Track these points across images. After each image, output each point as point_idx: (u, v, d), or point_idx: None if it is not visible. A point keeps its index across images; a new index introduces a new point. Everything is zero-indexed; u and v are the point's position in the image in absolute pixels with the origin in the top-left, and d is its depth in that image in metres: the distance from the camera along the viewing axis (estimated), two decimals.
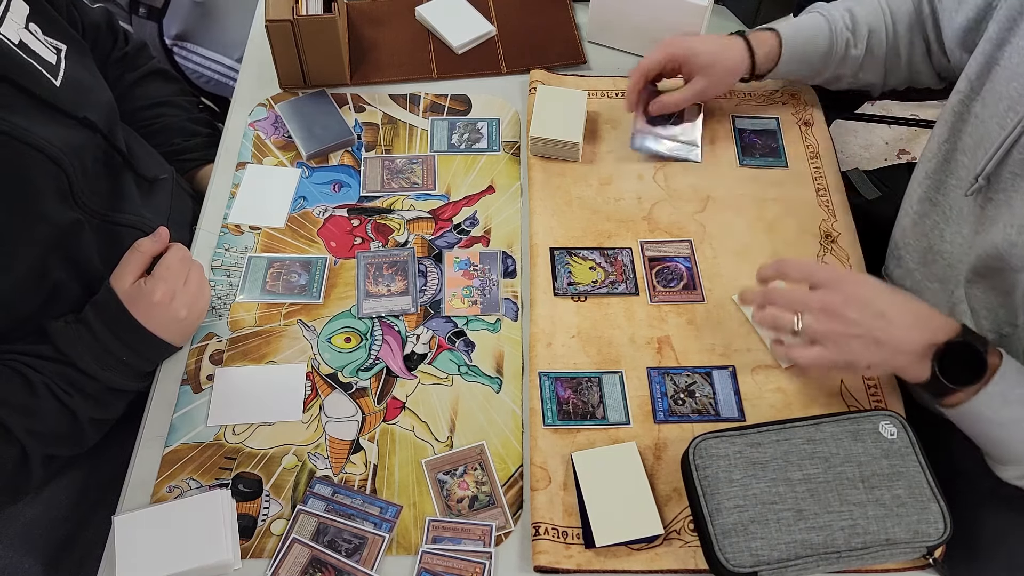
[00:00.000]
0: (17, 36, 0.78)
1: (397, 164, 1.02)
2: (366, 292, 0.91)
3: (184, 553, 0.72)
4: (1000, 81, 0.74)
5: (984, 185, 0.75)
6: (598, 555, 0.74)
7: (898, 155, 2.07)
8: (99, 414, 0.80)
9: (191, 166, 1.09)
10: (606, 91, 1.09)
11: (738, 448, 0.74)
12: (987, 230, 0.76)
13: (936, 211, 0.84)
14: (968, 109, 0.79)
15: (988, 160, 0.74)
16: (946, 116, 0.82)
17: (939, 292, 0.85)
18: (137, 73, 1.08)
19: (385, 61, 1.13)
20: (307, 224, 0.97)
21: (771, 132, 1.05)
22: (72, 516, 0.87)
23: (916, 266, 0.88)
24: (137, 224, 0.89)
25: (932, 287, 0.86)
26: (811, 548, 0.69)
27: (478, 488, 0.79)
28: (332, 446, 0.81)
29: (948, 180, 0.83)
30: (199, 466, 0.79)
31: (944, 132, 0.82)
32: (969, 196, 0.78)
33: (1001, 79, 0.74)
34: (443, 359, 0.86)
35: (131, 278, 0.80)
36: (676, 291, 0.91)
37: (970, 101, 0.79)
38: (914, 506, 0.71)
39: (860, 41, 0.94)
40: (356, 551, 0.74)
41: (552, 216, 0.96)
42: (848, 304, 0.74)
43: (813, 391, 0.84)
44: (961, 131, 0.80)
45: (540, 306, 0.89)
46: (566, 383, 0.84)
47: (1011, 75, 0.72)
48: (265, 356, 0.86)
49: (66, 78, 0.82)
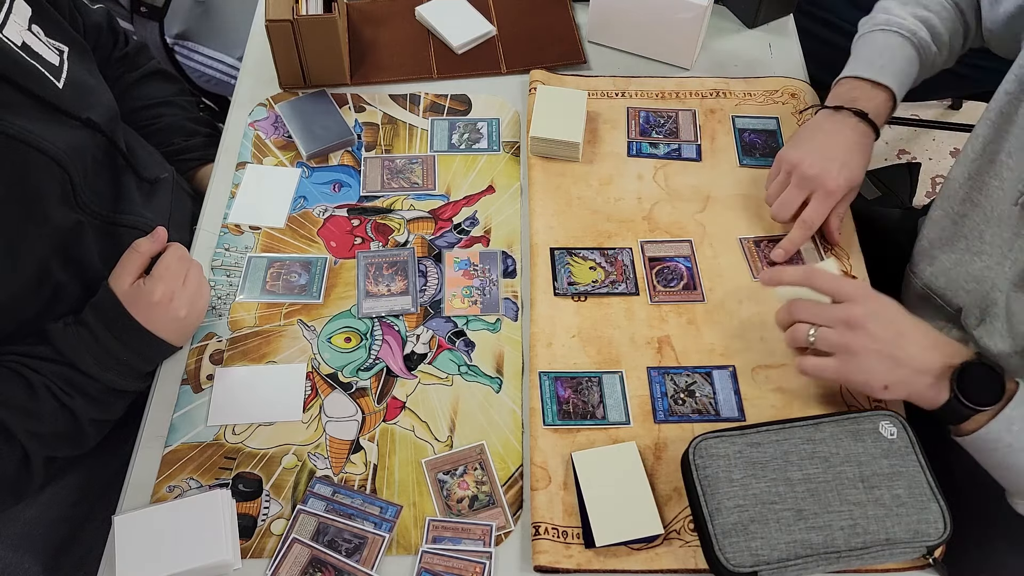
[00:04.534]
0: (20, 38, 0.78)
1: (397, 164, 1.02)
2: (366, 292, 0.91)
3: (184, 553, 0.72)
4: None
5: None
6: (598, 555, 0.74)
7: (898, 155, 2.07)
8: (99, 415, 0.80)
9: (191, 166, 1.09)
10: (606, 91, 1.09)
11: (738, 448, 0.74)
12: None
13: (977, 212, 0.83)
14: (1016, 110, 0.77)
15: None
16: (991, 116, 0.80)
17: (975, 292, 0.84)
18: (137, 73, 1.08)
19: (385, 61, 1.13)
20: (307, 224, 0.97)
21: (771, 132, 1.05)
22: (72, 516, 0.87)
23: (952, 265, 0.87)
24: (138, 225, 0.89)
25: (968, 287, 0.85)
26: (811, 548, 0.69)
27: (478, 488, 0.79)
28: (332, 446, 0.81)
29: (991, 182, 0.81)
30: (199, 466, 0.79)
31: (989, 133, 0.81)
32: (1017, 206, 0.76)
33: None
34: (443, 359, 0.86)
35: (130, 278, 0.80)
36: (676, 291, 0.91)
37: (1019, 102, 0.77)
38: (914, 506, 0.71)
39: (944, 48, 0.92)
40: (356, 551, 0.74)
41: (552, 216, 0.96)
42: (870, 318, 0.73)
43: (813, 391, 0.84)
44: (1008, 132, 0.79)
45: (540, 306, 0.89)
46: (566, 383, 0.84)
47: None
48: (265, 356, 0.87)
49: (69, 80, 0.82)
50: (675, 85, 1.09)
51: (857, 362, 0.73)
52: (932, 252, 0.90)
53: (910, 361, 0.72)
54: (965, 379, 0.70)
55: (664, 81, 1.09)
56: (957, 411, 0.71)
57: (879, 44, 0.92)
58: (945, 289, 0.88)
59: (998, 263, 0.81)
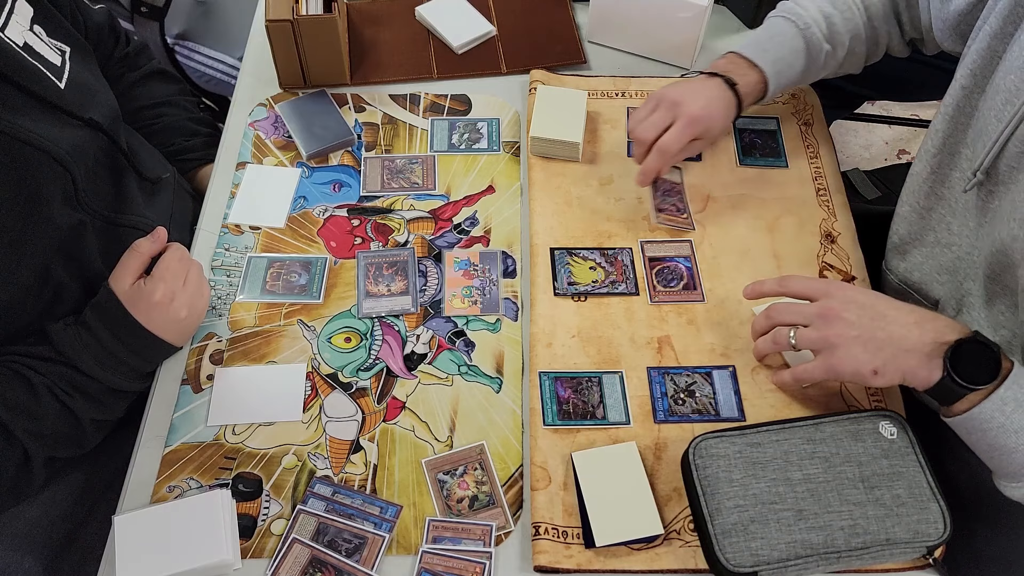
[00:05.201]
0: (22, 38, 0.78)
1: (397, 164, 1.02)
2: (366, 292, 0.91)
3: (184, 553, 0.72)
4: (999, 74, 0.73)
5: (983, 180, 0.75)
6: (598, 555, 0.74)
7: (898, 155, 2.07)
8: (100, 415, 0.80)
9: (192, 166, 1.09)
10: (606, 91, 1.09)
11: (738, 448, 0.74)
12: (991, 224, 0.76)
13: (942, 204, 0.84)
14: (970, 103, 0.79)
15: (986, 154, 0.73)
16: (947, 110, 0.81)
17: (949, 283, 0.85)
18: (138, 73, 1.08)
19: (385, 61, 1.13)
20: (307, 224, 0.97)
21: (771, 132, 1.05)
22: (72, 516, 0.87)
23: (924, 259, 0.88)
24: (139, 225, 0.89)
25: (942, 279, 0.86)
26: (811, 548, 0.69)
27: (478, 488, 0.79)
28: (332, 446, 0.81)
29: (952, 174, 0.82)
30: (199, 466, 0.79)
31: (945, 126, 0.82)
32: (969, 192, 0.77)
33: (1000, 72, 0.73)
34: (443, 359, 0.86)
35: (130, 279, 0.80)
36: (676, 291, 0.91)
37: (972, 96, 0.78)
38: (914, 506, 0.71)
39: (840, 49, 0.93)
40: (356, 551, 0.74)
41: (552, 216, 0.96)
42: (844, 307, 0.73)
43: (813, 391, 0.84)
44: (964, 125, 0.80)
45: (540, 306, 0.89)
46: (566, 383, 0.84)
47: (1009, 68, 0.72)
48: (265, 356, 0.87)
49: (71, 80, 0.82)
50: None
51: (840, 354, 0.73)
52: (903, 247, 0.91)
53: (894, 341, 0.71)
54: (959, 357, 0.68)
55: (664, 81, 1.09)
56: (951, 390, 0.69)
57: (773, 29, 0.95)
58: (920, 283, 0.88)
59: (968, 253, 0.81)
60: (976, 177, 0.75)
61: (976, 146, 0.77)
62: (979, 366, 0.68)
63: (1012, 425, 0.67)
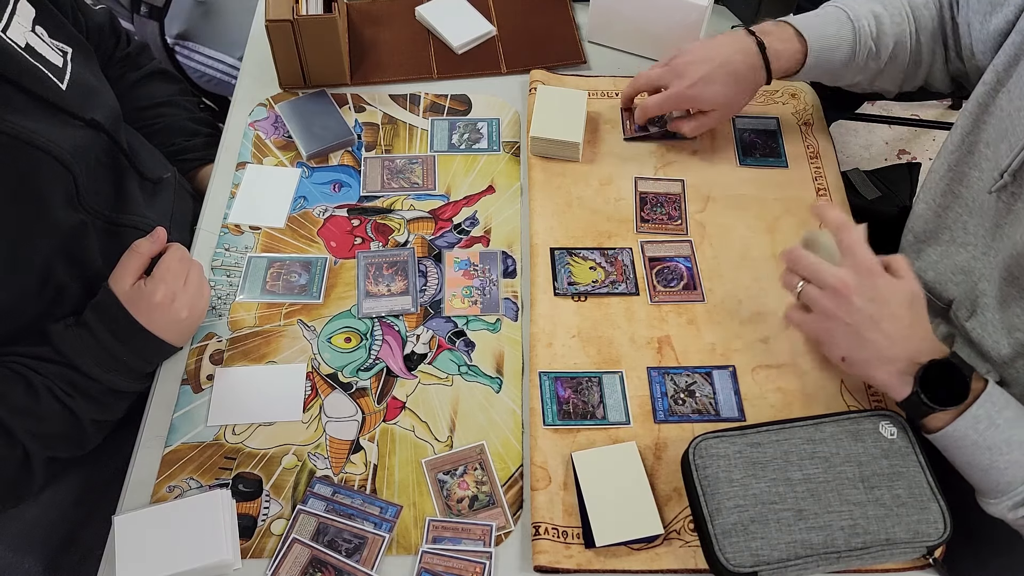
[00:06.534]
0: (24, 39, 0.78)
1: (397, 164, 1.02)
2: (366, 292, 0.91)
3: (184, 553, 0.72)
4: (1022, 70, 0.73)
5: (1009, 181, 0.75)
6: (598, 555, 0.74)
7: (898, 155, 2.07)
8: (100, 415, 0.80)
9: (192, 166, 1.09)
10: (606, 91, 1.09)
11: (738, 448, 0.74)
12: (1012, 226, 0.75)
13: (959, 203, 0.84)
14: (993, 100, 0.78)
15: (1014, 156, 0.72)
16: (970, 107, 0.81)
17: (963, 283, 0.84)
18: (139, 73, 1.08)
19: (385, 61, 1.13)
20: (307, 224, 0.97)
21: (771, 132, 1.05)
22: (72, 516, 0.87)
23: (939, 258, 0.87)
24: (140, 225, 0.89)
25: (956, 278, 0.86)
26: (811, 548, 0.69)
27: (478, 488, 0.79)
28: (332, 446, 0.81)
29: (971, 173, 0.82)
30: (199, 466, 0.79)
31: (968, 124, 0.81)
32: (993, 193, 0.77)
33: None
34: (443, 359, 0.86)
35: (130, 279, 0.80)
36: (676, 291, 0.91)
37: (995, 93, 0.78)
38: (914, 506, 0.71)
39: (884, 52, 0.91)
40: (356, 551, 0.74)
41: (552, 216, 0.96)
42: (858, 292, 0.72)
43: (813, 391, 0.84)
44: (985, 123, 0.79)
45: (540, 306, 0.89)
46: (566, 383, 0.84)
47: None
48: (265, 356, 0.87)
49: (72, 81, 0.82)
50: None
51: (826, 327, 0.75)
52: (918, 246, 0.90)
53: (875, 347, 0.72)
54: (929, 377, 0.71)
55: None
56: (918, 407, 0.72)
57: (825, 13, 0.94)
58: (934, 283, 0.88)
59: (983, 253, 0.81)
60: (1003, 179, 0.75)
61: (1000, 146, 0.76)
62: (946, 387, 0.70)
63: (985, 442, 0.69)
